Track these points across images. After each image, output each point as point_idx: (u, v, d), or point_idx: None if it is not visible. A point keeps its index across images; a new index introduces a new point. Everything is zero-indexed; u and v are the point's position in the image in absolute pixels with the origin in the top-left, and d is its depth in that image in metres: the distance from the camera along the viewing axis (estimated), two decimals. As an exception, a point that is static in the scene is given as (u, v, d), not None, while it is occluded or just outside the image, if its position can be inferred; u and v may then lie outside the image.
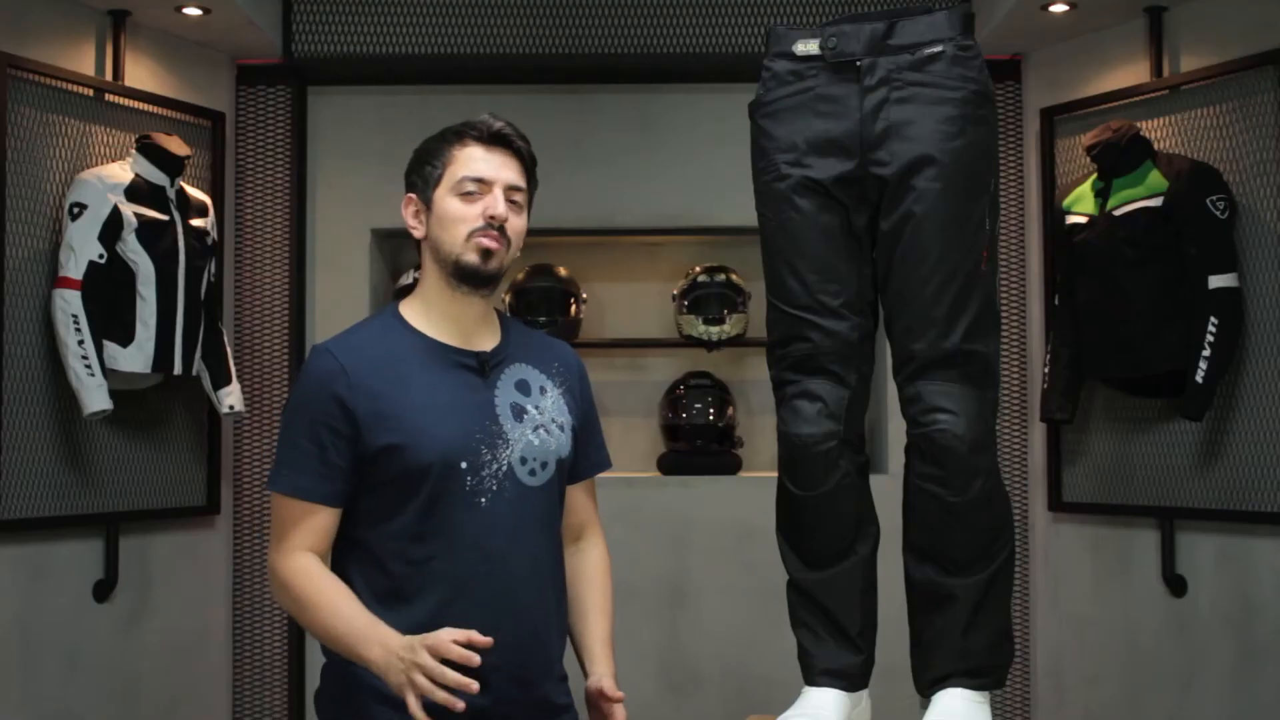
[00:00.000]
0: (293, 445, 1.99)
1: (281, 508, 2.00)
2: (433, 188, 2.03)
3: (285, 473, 1.99)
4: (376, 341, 2.03)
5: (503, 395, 2.04)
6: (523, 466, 2.01)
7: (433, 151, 2.05)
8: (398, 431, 1.94)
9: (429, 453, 1.95)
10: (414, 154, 2.09)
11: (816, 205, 1.97)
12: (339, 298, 4.24)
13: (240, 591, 4.18)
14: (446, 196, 2.02)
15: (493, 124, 2.04)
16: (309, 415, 1.98)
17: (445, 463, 1.95)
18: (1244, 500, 3.45)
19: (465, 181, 2.01)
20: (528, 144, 2.08)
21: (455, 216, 2.01)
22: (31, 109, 3.48)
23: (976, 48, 1.98)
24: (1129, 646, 3.79)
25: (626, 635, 4.05)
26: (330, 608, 1.93)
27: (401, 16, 4.17)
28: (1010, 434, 4.15)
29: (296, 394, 2.04)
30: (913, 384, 1.95)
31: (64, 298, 3.40)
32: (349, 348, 2.02)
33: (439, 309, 2.05)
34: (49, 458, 3.51)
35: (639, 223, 4.31)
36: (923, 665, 2.03)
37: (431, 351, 2.03)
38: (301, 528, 1.97)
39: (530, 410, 2.05)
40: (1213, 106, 3.55)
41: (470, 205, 2.01)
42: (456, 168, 2.02)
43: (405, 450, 1.94)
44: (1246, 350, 3.43)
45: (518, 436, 2.02)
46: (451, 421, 1.98)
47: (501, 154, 2.04)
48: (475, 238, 2.00)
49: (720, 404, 4.38)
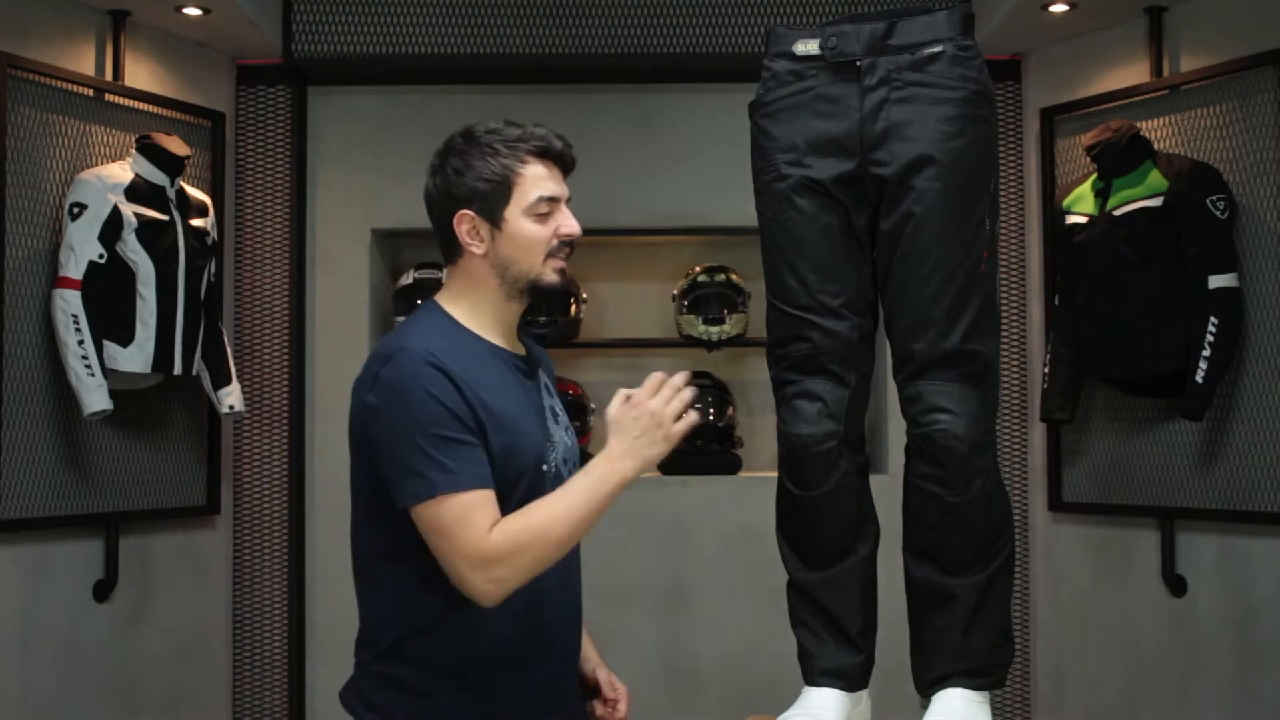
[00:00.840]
0: (446, 441, 1.86)
1: (459, 509, 1.85)
2: (502, 207, 1.98)
3: (456, 470, 1.85)
4: (455, 344, 1.98)
5: (545, 399, 2.08)
6: (565, 466, 2.06)
7: (491, 169, 1.98)
8: (502, 433, 1.93)
9: (528, 454, 1.97)
10: (455, 167, 2.00)
11: (816, 205, 1.98)
12: (339, 298, 4.24)
13: (240, 591, 4.18)
14: (520, 218, 1.98)
15: (554, 141, 2.02)
16: (447, 409, 1.87)
17: (537, 464, 1.98)
18: (1244, 500, 3.45)
19: (540, 203, 1.99)
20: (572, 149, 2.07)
21: (534, 238, 1.99)
22: (31, 109, 3.48)
23: (976, 48, 1.98)
24: (1129, 646, 3.79)
25: (627, 635, 4.07)
26: (555, 511, 1.87)
27: (401, 16, 4.16)
28: (1010, 434, 4.15)
29: (413, 394, 1.88)
30: (913, 384, 1.95)
31: (64, 298, 3.40)
32: (441, 348, 1.93)
33: (490, 314, 2.03)
34: (49, 458, 3.51)
35: (639, 223, 4.31)
36: (923, 665, 2.03)
37: (497, 355, 2.02)
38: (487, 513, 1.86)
39: (559, 412, 2.11)
40: (1213, 106, 3.55)
41: (545, 226, 2.00)
42: (527, 188, 1.99)
43: (511, 452, 1.94)
44: (1246, 350, 3.43)
45: (558, 438, 2.07)
46: (533, 423, 2.01)
47: (561, 167, 2.04)
48: (552, 259, 2.01)
49: (720, 404, 4.38)
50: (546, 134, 2.02)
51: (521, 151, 1.99)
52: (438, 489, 1.84)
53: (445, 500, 1.84)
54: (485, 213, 1.98)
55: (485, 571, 1.84)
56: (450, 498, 1.84)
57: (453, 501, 1.84)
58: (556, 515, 1.87)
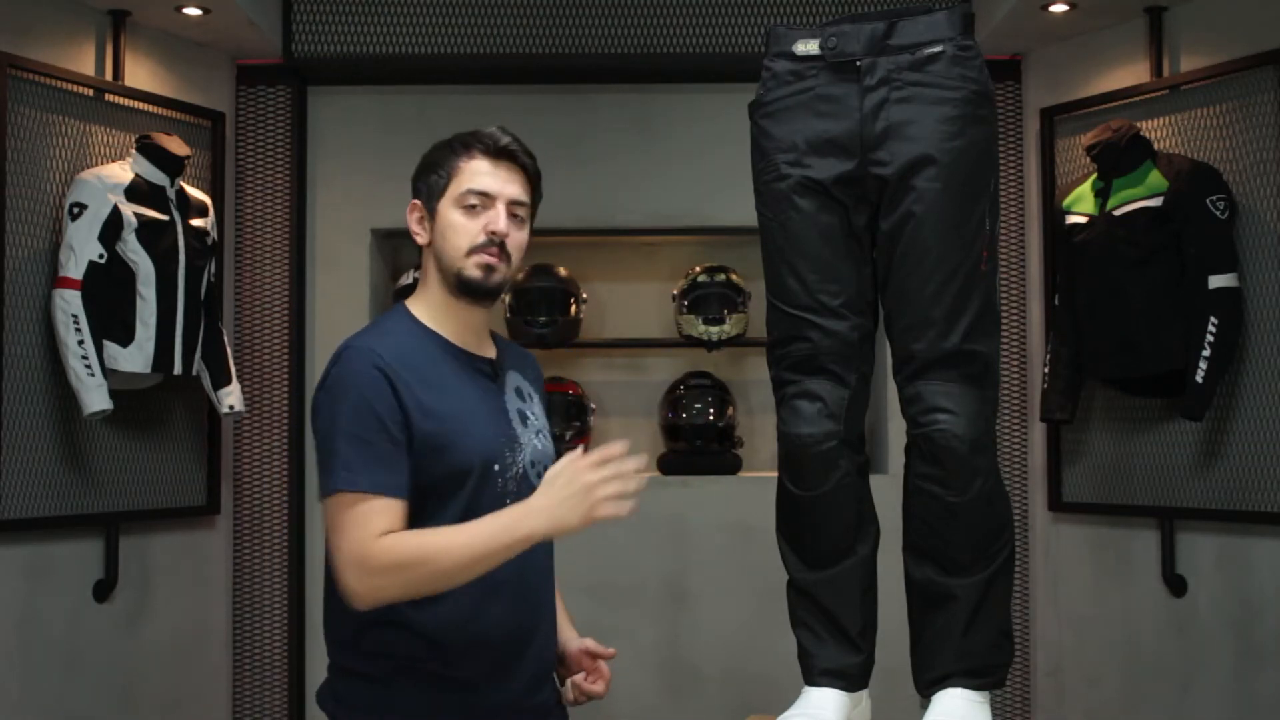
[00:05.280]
0: (360, 442, 1.90)
1: (355, 507, 1.89)
2: (437, 197, 2.04)
3: (362, 470, 1.89)
4: (406, 342, 2.02)
5: (510, 400, 2.08)
6: (533, 470, 2.06)
7: (440, 160, 2.05)
8: (443, 432, 1.95)
9: (472, 453, 1.97)
10: (421, 160, 2.09)
11: (816, 205, 1.98)
12: (339, 298, 4.24)
13: (240, 591, 4.18)
14: (450, 208, 2.03)
15: (500, 138, 2.04)
16: (371, 410, 1.91)
17: (484, 464, 1.98)
18: (1244, 500, 3.45)
19: (469, 195, 2.02)
20: (534, 159, 2.09)
21: (457, 229, 2.02)
22: (31, 109, 3.48)
23: (976, 48, 1.98)
24: (1129, 646, 3.79)
25: (627, 635, 4.07)
26: (454, 541, 1.87)
27: (401, 16, 4.16)
28: (1010, 434, 4.15)
29: (346, 390, 1.94)
30: (913, 384, 1.95)
31: (64, 298, 3.40)
32: (386, 346, 1.98)
33: (448, 314, 2.06)
34: (49, 458, 3.51)
35: (639, 223, 4.31)
36: (923, 665, 2.03)
37: (454, 354, 2.04)
38: (383, 520, 1.89)
39: (530, 416, 2.11)
40: (1213, 106, 3.55)
41: (472, 219, 2.02)
42: (462, 180, 2.03)
43: (451, 450, 1.95)
44: (1246, 350, 3.43)
45: (526, 440, 2.07)
46: (485, 423, 2.01)
47: (508, 168, 2.05)
48: (476, 254, 2.01)
49: (720, 404, 4.38)
50: (496, 132, 2.05)
51: (470, 145, 2.04)
52: (337, 485, 1.89)
53: (342, 497, 1.89)
54: (426, 201, 2.06)
55: (361, 576, 1.88)
56: (346, 496, 1.89)
57: (349, 500, 1.89)
58: (451, 547, 1.87)
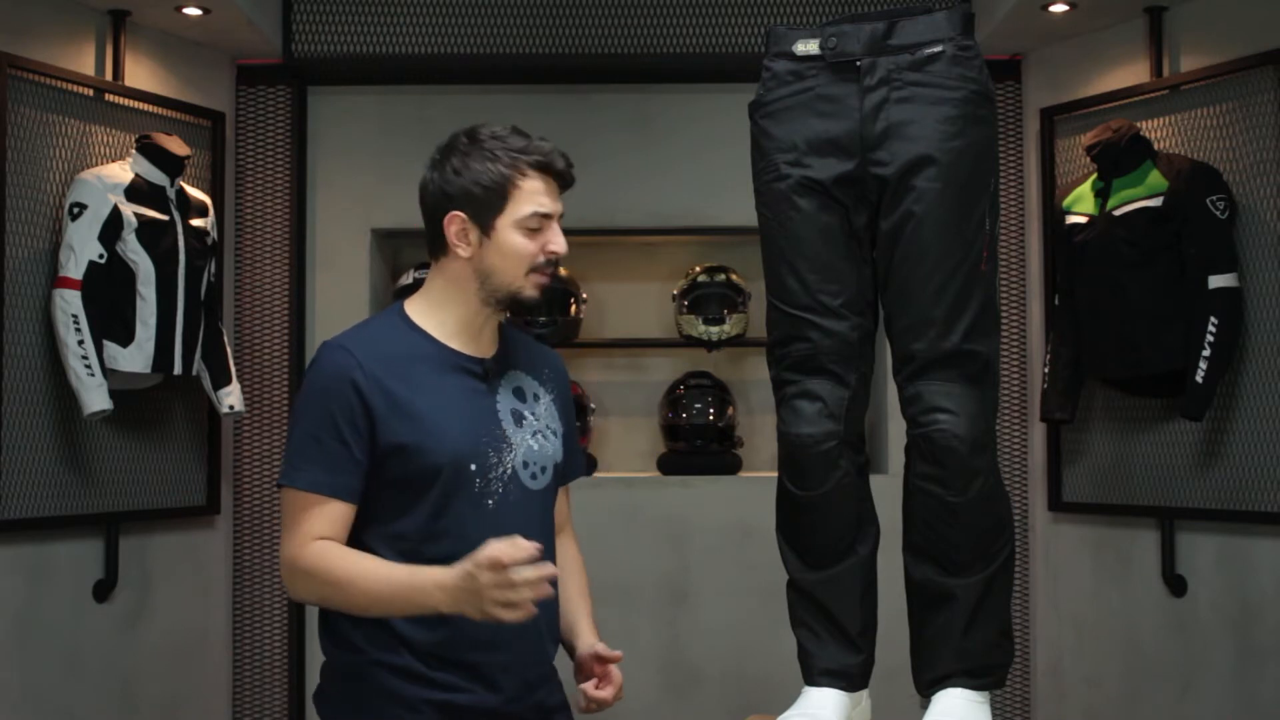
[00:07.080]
0: (312, 440, 1.95)
1: (296, 504, 1.96)
2: (492, 215, 2.00)
3: (303, 467, 1.95)
4: (386, 340, 2.03)
5: (503, 401, 2.07)
6: (525, 470, 2.05)
7: (487, 175, 1.99)
8: (412, 430, 1.95)
9: (442, 453, 1.96)
10: (455, 166, 2.01)
11: (816, 205, 1.98)
12: (339, 298, 4.24)
13: (240, 591, 4.18)
14: (511, 229, 2.00)
15: (556, 161, 2.03)
16: (328, 409, 1.95)
17: (456, 463, 1.97)
18: (1244, 500, 3.45)
19: (533, 218, 2.01)
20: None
21: (521, 251, 2.01)
22: (31, 109, 3.48)
23: (976, 48, 1.98)
24: (1129, 646, 3.79)
25: (626, 635, 4.07)
26: (366, 576, 1.92)
27: (401, 16, 4.16)
28: (1010, 434, 4.15)
29: (312, 388, 2.00)
30: (913, 384, 1.95)
31: (64, 298, 3.40)
32: (361, 344, 2.01)
33: (454, 315, 2.05)
34: (49, 458, 3.51)
35: (639, 223, 4.31)
36: (923, 665, 2.03)
37: (439, 354, 2.04)
38: (320, 522, 1.94)
39: (528, 416, 2.09)
40: (1213, 106, 3.55)
41: (533, 241, 2.01)
42: (521, 202, 2.00)
43: (419, 449, 1.95)
44: (1246, 350, 3.43)
45: (519, 441, 2.05)
46: (461, 423, 2.00)
47: (556, 183, 2.05)
48: (535, 274, 2.02)
49: (720, 404, 4.38)
50: (551, 150, 2.03)
51: (522, 163, 2.00)
52: (281, 479, 1.99)
53: (285, 492, 1.98)
54: (476, 217, 2.00)
55: (288, 574, 1.99)
56: (287, 491, 1.97)
57: (289, 495, 1.97)
58: (361, 580, 1.92)
